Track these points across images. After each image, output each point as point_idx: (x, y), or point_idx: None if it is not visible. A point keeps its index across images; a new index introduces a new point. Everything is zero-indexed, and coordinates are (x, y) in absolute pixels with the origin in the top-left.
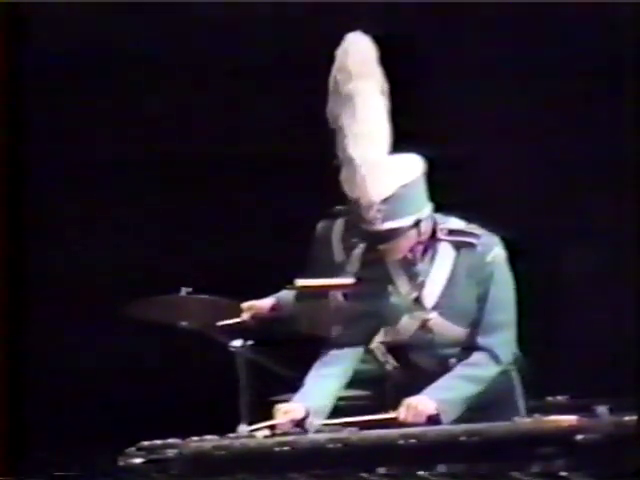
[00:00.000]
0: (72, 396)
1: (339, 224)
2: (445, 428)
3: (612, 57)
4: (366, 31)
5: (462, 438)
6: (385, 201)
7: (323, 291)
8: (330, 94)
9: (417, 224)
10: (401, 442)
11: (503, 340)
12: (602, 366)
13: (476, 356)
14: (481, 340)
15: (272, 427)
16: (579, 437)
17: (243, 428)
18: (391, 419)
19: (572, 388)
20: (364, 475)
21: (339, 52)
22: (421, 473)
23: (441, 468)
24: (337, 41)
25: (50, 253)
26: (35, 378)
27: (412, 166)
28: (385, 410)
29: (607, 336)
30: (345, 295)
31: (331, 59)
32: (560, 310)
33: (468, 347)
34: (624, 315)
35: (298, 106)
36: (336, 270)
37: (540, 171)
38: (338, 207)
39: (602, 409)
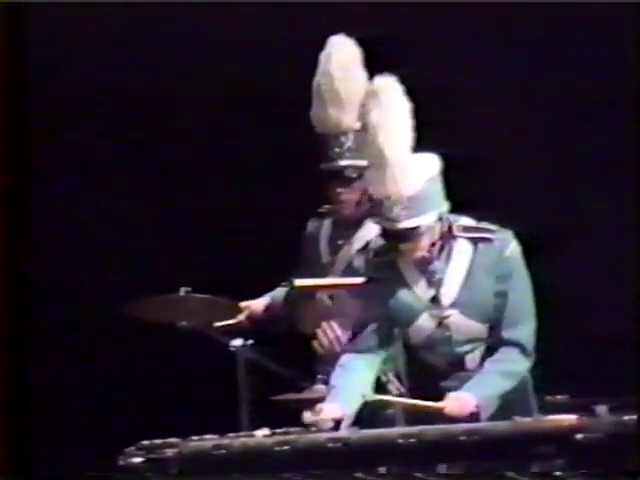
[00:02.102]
0: (72, 395)
1: (327, 224)
2: (445, 427)
3: (613, 57)
4: (349, 34)
5: (462, 437)
6: (410, 198)
7: (321, 291)
8: (314, 98)
9: (440, 219)
10: (401, 441)
11: (528, 333)
12: (602, 366)
13: (506, 351)
14: (507, 334)
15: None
16: (579, 436)
17: (308, 416)
18: (438, 408)
19: (572, 388)
20: (364, 475)
21: (322, 57)
22: (421, 473)
23: (441, 467)
24: (322, 44)
25: (50, 253)
26: (35, 377)
27: (431, 163)
28: None
29: (607, 336)
30: (331, 296)
31: (315, 62)
32: (560, 309)
33: (492, 343)
34: (624, 315)
35: (297, 106)
36: (322, 270)
37: (544, 170)
38: (327, 206)
39: (602, 408)
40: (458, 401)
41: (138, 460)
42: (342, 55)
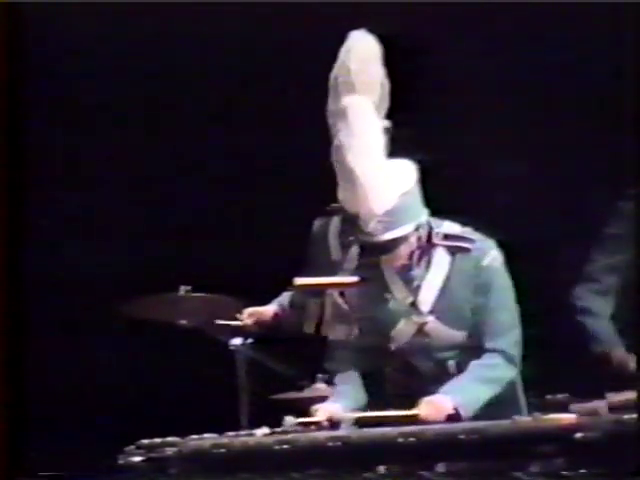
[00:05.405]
0: (72, 395)
1: (335, 222)
2: (445, 426)
3: (612, 58)
4: (371, 30)
5: (462, 436)
6: (385, 212)
7: (323, 289)
8: (330, 91)
9: (417, 229)
10: (400, 440)
11: (512, 341)
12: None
13: (489, 357)
14: (490, 345)
15: (311, 423)
16: (579, 435)
17: (290, 420)
18: (412, 416)
19: (572, 387)
20: (364, 474)
21: (342, 50)
22: (420, 472)
23: (441, 467)
24: (341, 39)
25: (49, 252)
26: (35, 377)
27: (407, 173)
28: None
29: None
30: (342, 293)
31: (334, 57)
32: (560, 309)
33: (473, 350)
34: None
35: (299, 105)
36: (333, 268)
37: (533, 174)
38: (334, 205)
39: (602, 408)
40: (432, 406)
41: (138, 459)
42: (362, 49)
